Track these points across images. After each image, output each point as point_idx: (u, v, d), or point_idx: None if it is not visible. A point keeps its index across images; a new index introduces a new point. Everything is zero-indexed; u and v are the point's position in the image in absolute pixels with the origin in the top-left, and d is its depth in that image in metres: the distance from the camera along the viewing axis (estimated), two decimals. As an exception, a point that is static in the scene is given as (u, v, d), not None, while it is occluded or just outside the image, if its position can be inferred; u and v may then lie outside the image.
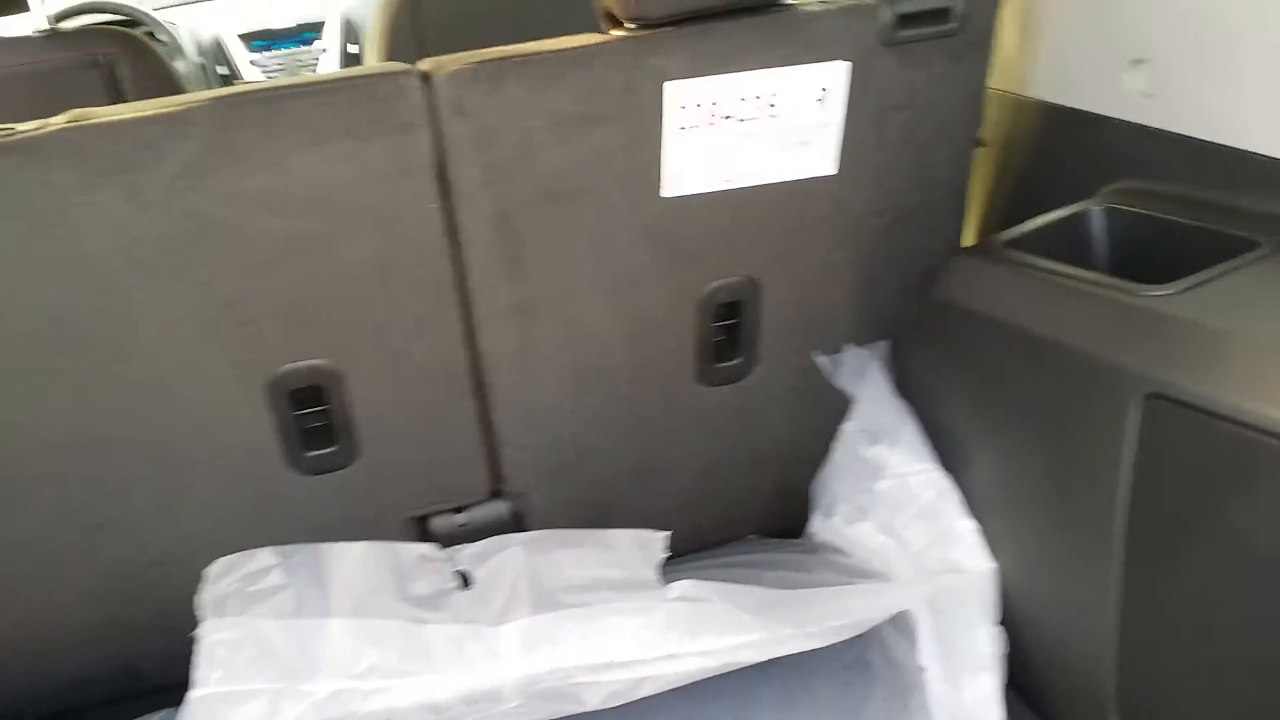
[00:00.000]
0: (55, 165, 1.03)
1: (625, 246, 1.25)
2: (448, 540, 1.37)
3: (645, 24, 1.15)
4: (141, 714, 1.33)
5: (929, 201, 1.36)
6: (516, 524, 1.41)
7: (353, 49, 3.19)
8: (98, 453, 1.18)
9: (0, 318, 1.08)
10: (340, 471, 1.28)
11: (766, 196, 1.25)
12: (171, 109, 1.05)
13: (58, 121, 1.04)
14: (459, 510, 1.38)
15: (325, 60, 3.14)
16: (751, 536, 1.61)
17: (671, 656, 1.17)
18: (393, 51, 2.13)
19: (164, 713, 1.31)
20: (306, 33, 3.14)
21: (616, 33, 1.18)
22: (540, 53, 1.14)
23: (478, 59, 1.12)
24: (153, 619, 1.31)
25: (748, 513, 1.60)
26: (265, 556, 1.23)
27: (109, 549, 1.25)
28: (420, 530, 1.38)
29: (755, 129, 1.20)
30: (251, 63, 3.12)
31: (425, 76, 1.10)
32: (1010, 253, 1.23)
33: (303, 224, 1.12)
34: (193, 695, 1.11)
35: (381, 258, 1.16)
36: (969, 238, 1.47)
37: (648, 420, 1.40)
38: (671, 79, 1.15)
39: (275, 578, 1.20)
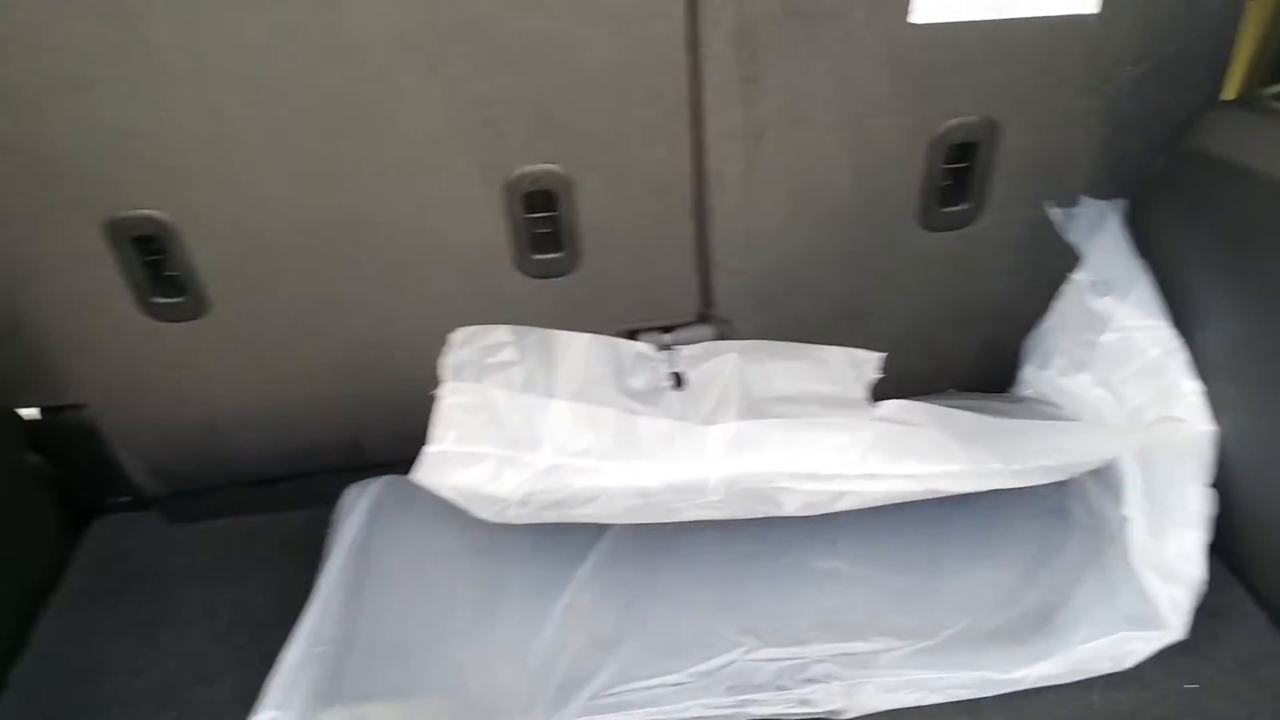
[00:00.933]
0: None
1: (865, 73, 1.23)
2: None
3: None
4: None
5: (1191, 51, 1.28)
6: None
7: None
8: (349, 234, 1.27)
9: (278, 97, 1.16)
10: (561, 278, 1.33)
11: (1017, 32, 1.21)
12: None
13: None
14: (667, 330, 1.43)
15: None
16: (951, 390, 1.61)
17: (872, 475, 1.20)
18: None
19: (383, 479, 1.44)
20: None
21: None
22: None
23: None
24: (379, 396, 1.42)
25: (952, 365, 1.58)
26: (502, 333, 1.31)
27: (348, 326, 1.35)
28: None
29: (1018, -49, 1.15)
30: None
31: None
32: (1276, 105, 1.15)
33: (551, 24, 1.15)
34: (429, 449, 1.22)
35: (621, 65, 1.19)
36: (1229, 94, 1.38)
37: (864, 258, 1.40)
38: None
39: (509, 353, 1.29)
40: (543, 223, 1.29)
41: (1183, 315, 1.27)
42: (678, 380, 1.35)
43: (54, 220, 1.22)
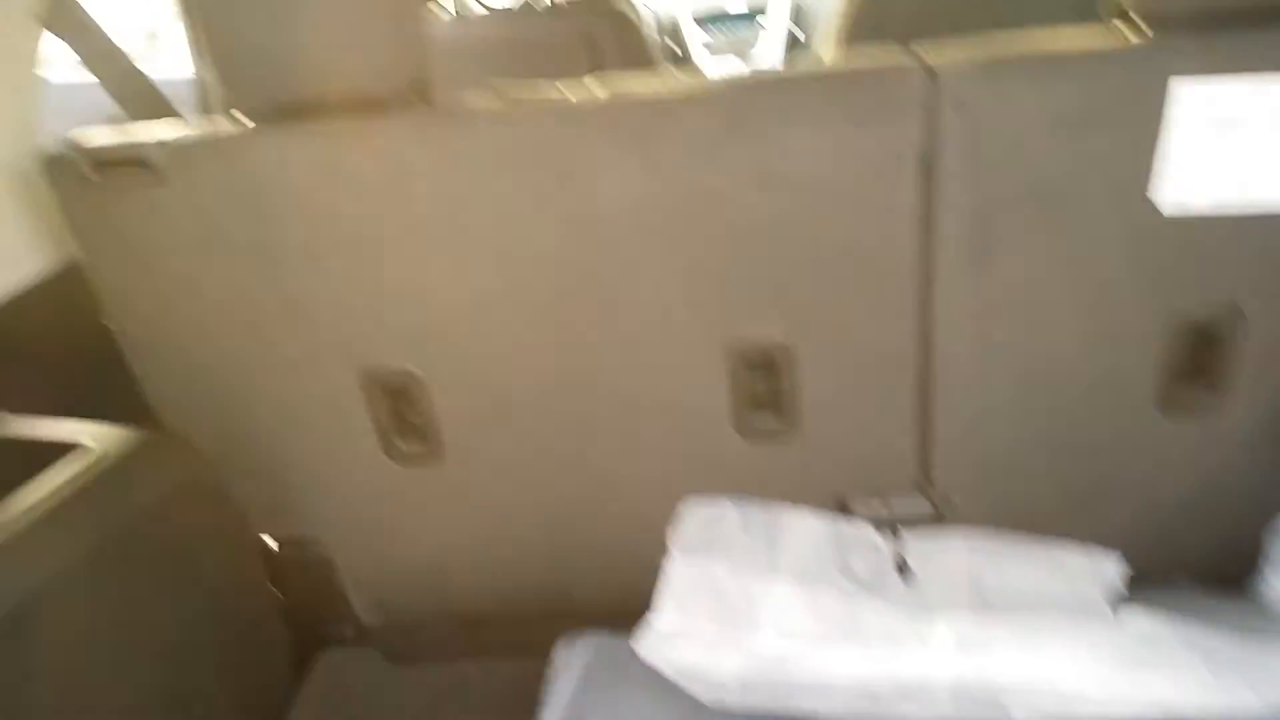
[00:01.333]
0: (592, 131, 1.15)
1: (1103, 257, 1.20)
2: None
3: (1162, 22, 1.10)
4: (566, 631, 1.46)
5: None
6: (936, 523, 1.41)
7: (796, 30, 3.28)
8: (578, 394, 1.31)
9: (524, 264, 1.22)
10: (777, 443, 1.34)
11: (1268, 220, 1.16)
12: (694, 89, 1.15)
13: (599, 92, 1.16)
14: (881, 498, 1.41)
15: (764, 39, 3.26)
16: (1182, 579, 1.52)
17: (1114, 696, 1.13)
18: (852, 41, 2.16)
19: (596, 638, 1.45)
20: (755, 14, 3.28)
21: (1127, 31, 1.13)
22: (1050, 51, 1.12)
23: (983, 53, 1.12)
24: (592, 548, 1.45)
25: (1186, 556, 1.50)
26: (728, 508, 1.32)
27: (570, 479, 1.39)
28: (840, 511, 1.42)
29: (1274, 141, 1.11)
30: (703, 45, 3.30)
31: (929, 69, 1.12)
32: None
33: (789, 202, 1.17)
34: (652, 620, 1.23)
35: (852, 241, 1.20)
36: None
37: (1096, 442, 1.35)
38: (1185, 82, 1.08)
39: (734, 529, 1.29)
40: (763, 388, 1.30)
41: None
42: (902, 567, 1.33)
43: (317, 367, 1.31)
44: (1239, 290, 1.22)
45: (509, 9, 2.43)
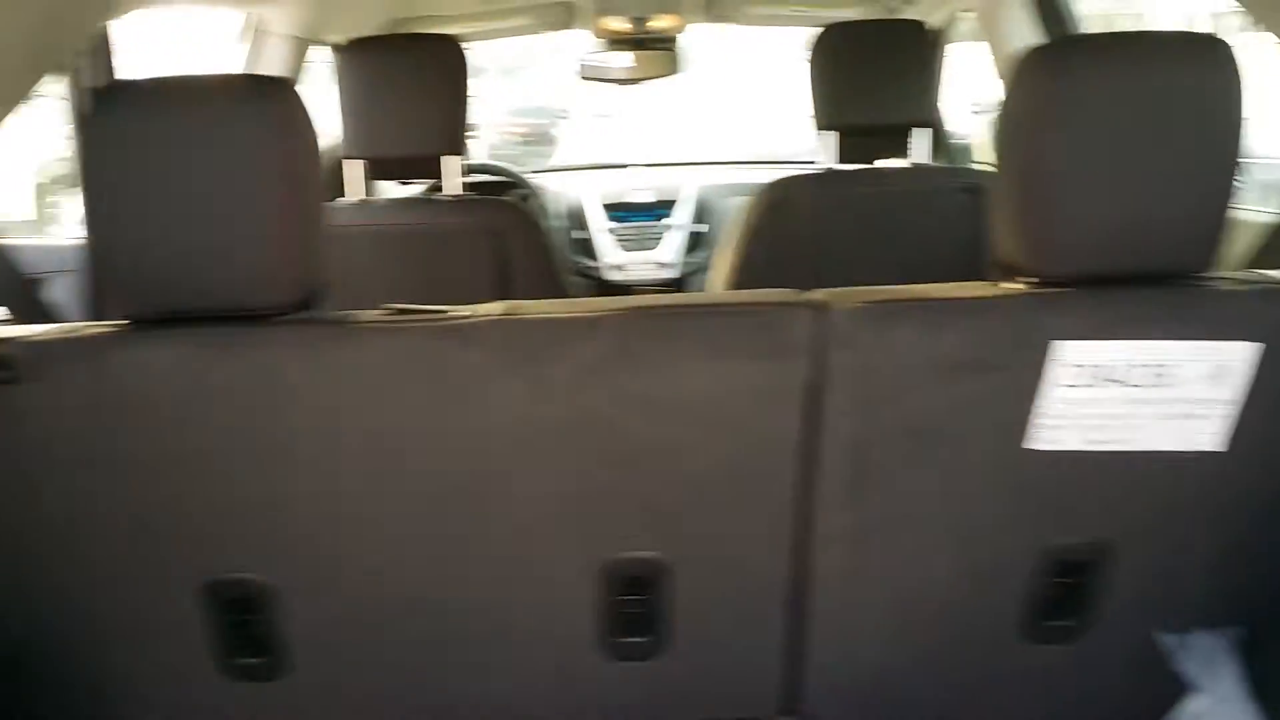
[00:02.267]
0: (480, 350, 1.15)
1: (978, 492, 1.24)
2: None
3: (1046, 281, 1.17)
4: None
5: None
6: None
7: (699, 228, 3.40)
8: (441, 610, 1.28)
9: (401, 477, 1.20)
10: (644, 662, 1.32)
11: (1137, 463, 1.22)
12: (589, 312, 1.17)
13: (493, 311, 1.18)
14: None
15: (669, 236, 3.37)
16: None
17: None
18: (749, 247, 2.25)
19: None
20: (661, 209, 3.40)
21: (1012, 286, 1.20)
22: (935, 298, 1.18)
23: (873, 297, 1.17)
24: None
25: None
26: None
27: (423, 698, 1.34)
28: None
29: (1140, 396, 1.18)
30: (604, 230, 3.40)
31: (820, 307, 1.16)
32: None
33: (674, 429, 1.19)
34: None
35: (734, 466, 1.22)
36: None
37: (964, 667, 1.36)
38: (1062, 338, 1.15)
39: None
40: (635, 605, 1.28)
41: None
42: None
43: (153, 581, 1.24)
44: (1109, 527, 1.27)
45: (415, 197, 2.48)
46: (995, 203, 1.23)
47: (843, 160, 2.22)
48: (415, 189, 2.50)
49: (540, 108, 7.52)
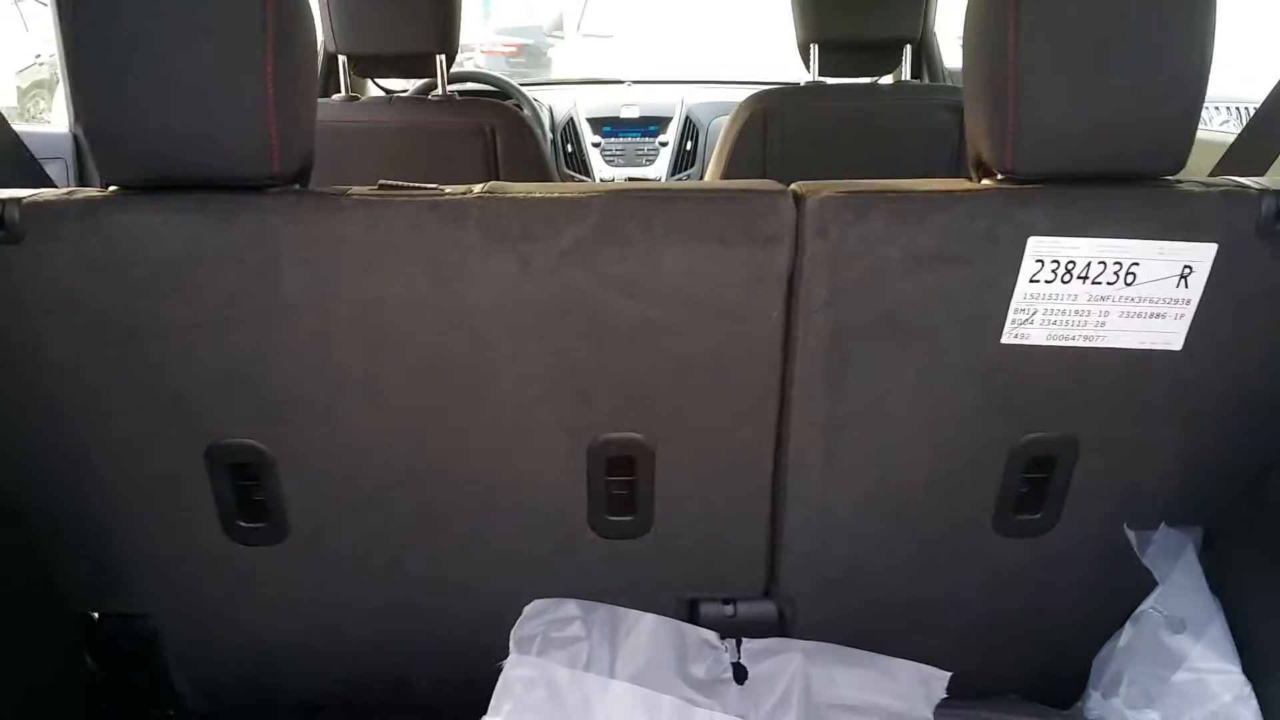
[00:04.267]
0: (468, 227, 1.17)
1: (950, 385, 1.27)
2: (712, 629, 1.42)
3: (1016, 179, 1.19)
4: None
5: (1276, 398, 1.30)
6: (781, 628, 1.44)
7: (687, 146, 3.40)
8: (432, 481, 1.31)
9: (394, 350, 1.23)
10: (631, 540, 1.36)
11: (1104, 360, 1.25)
12: (574, 194, 1.18)
13: (477, 189, 1.19)
14: (728, 602, 1.43)
15: (663, 154, 3.37)
16: (1014, 696, 1.57)
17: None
18: (734, 160, 2.26)
19: None
20: (651, 125, 3.38)
21: (986, 182, 1.22)
22: (909, 191, 1.20)
23: (849, 189, 1.19)
24: (434, 640, 1.43)
25: (1016, 674, 1.55)
26: (571, 608, 1.32)
27: (415, 569, 1.38)
28: (689, 613, 1.44)
29: (1108, 293, 1.21)
30: (594, 144, 3.39)
31: (798, 198, 1.18)
32: None
33: (657, 311, 1.21)
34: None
35: (717, 353, 1.24)
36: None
37: (935, 557, 1.40)
38: (1035, 234, 1.17)
39: (576, 629, 1.30)
40: (619, 486, 1.32)
41: (1255, 660, 1.25)
42: (739, 673, 1.34)
43: (160, 442, 1.28)
44: (1076, 424, 1.30)
45: (406, 95, 2.47)
46: (967, 102, 1.24)
47: (823, 75, 2.22)
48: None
49: (529, 27, 7.42)
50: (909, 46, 2.30)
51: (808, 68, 2.27)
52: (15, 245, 1.16)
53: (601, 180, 3.38)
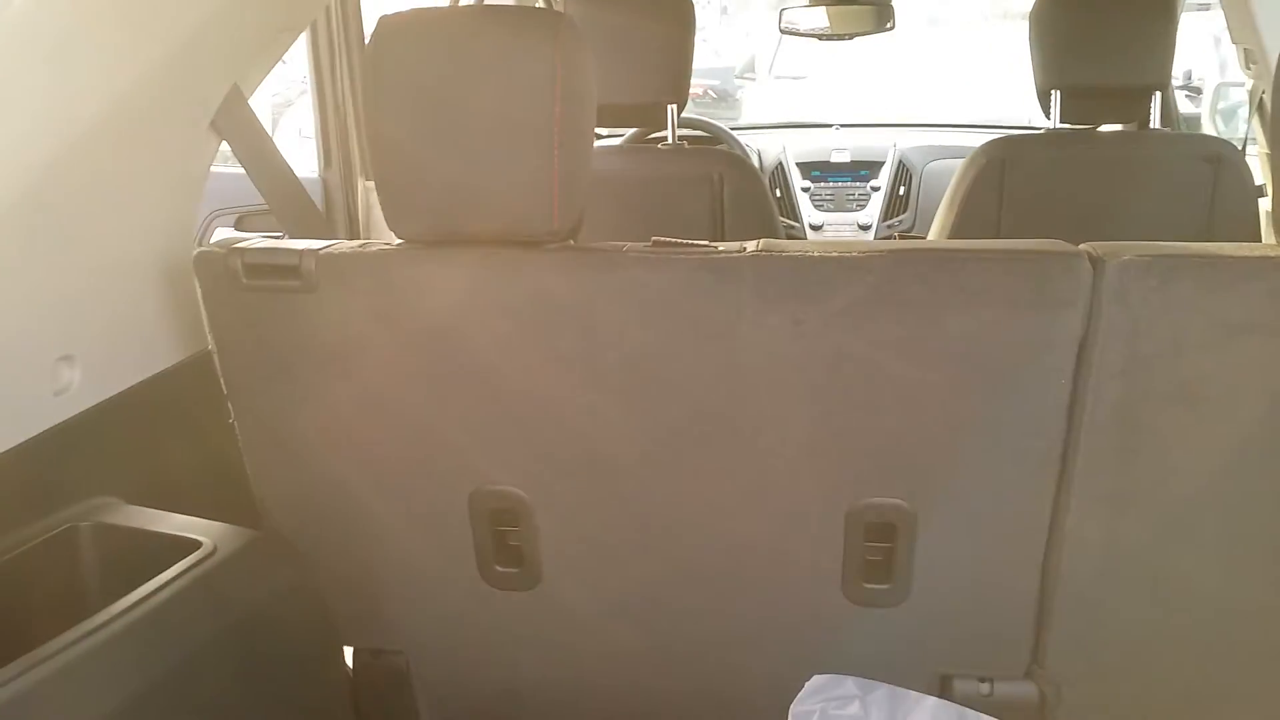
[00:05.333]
0: (743, 286, 1.16)
1: (1255, 465, 1.18)
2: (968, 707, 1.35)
3: None
4: None
5: None
6: (1042, 712, 1.36)
7: (901, 190, 3.33)
8: (686, 538, 1.30)
9: (658, 404, 1.23)
10: (886, 609, 1.31)
11: None
12: (853, 253, 1.15)
13: (751, 247, 1.18)
14: (985, 680, 1.36)
15: (874, 199, 3.31)
16: None
17: None
18: (966, 209, 2.18)
19: None
20: (862, 170, 3.33)
21: None
22: (1219, 256, 1.13)
23: (1152, 252, 1.12)
24: (678, 695, 1.42)
25: None
26: (849, 685, 1.28)
27: (664, 623, 1.37)
28: (942, 689, 1.37)
29: None
30: (803, 189, 3.37)
31: (1094, 259, 1.13)
32: None
33: (934, 374, 1.17)
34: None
35: (994, 419, 1.19)
36: None
37: (1228, 647, 1.29)
38: None
39: (855, 709, 1.25)
40: (877, 552, 1.27)
41: None
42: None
43: (428, 484, 1.32)
44: None
45: (634, 144, 2.51)
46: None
47: (1064, 121, 2.13)
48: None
49: (718, 69, 7.50)
50: (1157, 94, 2.18)
51: (1046, 114, 2.18)
52: (310, 294, 1.22)
53: (810, 225, 3.35)
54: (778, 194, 3.40)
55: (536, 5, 2.70)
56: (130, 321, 1.33)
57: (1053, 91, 2.13)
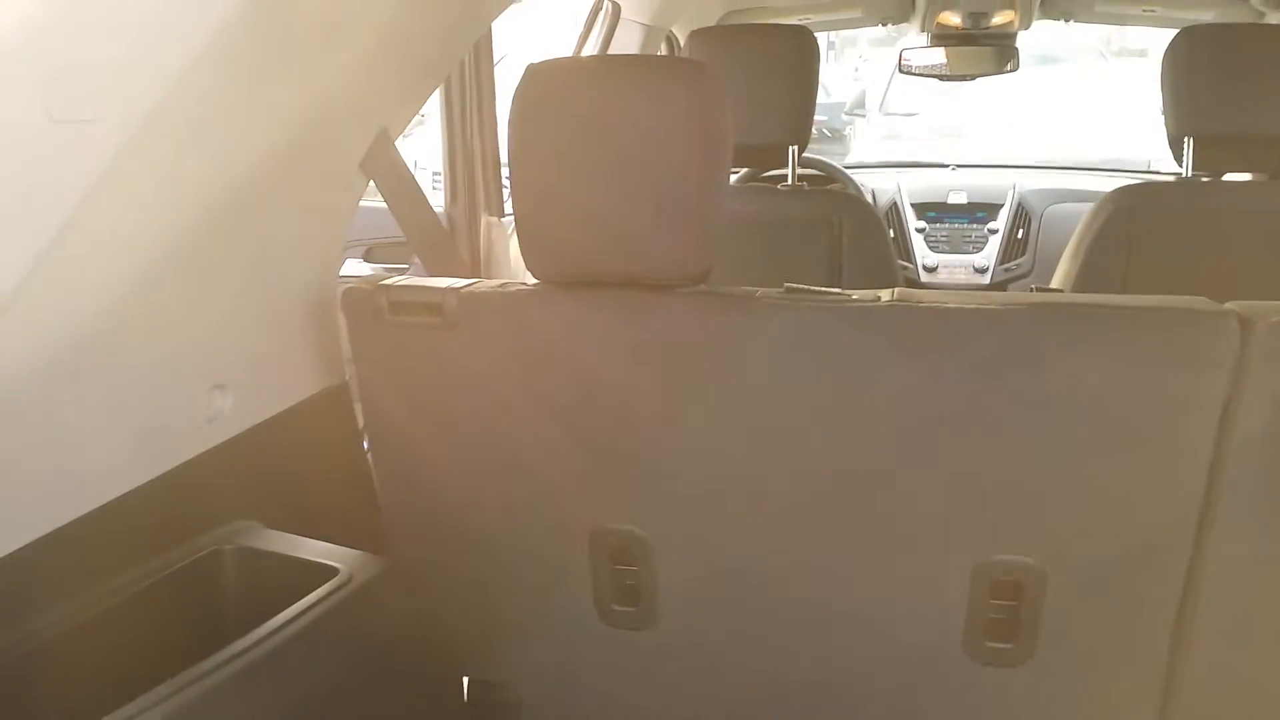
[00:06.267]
0: (876, 335, 1.15)
1: None
2: None
3: None
4: None
5: None
6: None
7: (1019, 233, 3.27)
8: (806, 586, 1.29)
9: (785, 450, 1.22)
10: (1008, 669, 1.27)
11: None
12: (989, 305, 1.14)
13: (885, 297, 1.17)
14: None
15: (992, 241, 3.26)
16: None
17: None
18: (1091, 257, 2.13)
19: None
20: (979, 212, 3.28)
21: None
22: None
23: None
24: None
25: None
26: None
27: (782, 671, 1.35)
28: None
29: None
30: (918, 229, 3.33)
31: (1242, 320, 1.09)
32: None
33: (1069, 431, 1.14)
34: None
35: (1129, 480, 1.16)
36: None
37: None
38: None
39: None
40: (1000, 610, 1.24)
41: None
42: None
43: (550, 521, 1.34)
44: None
45: (754, 185, 2.52)
46: None
47: (1196, 169, 2.07)
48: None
49: (826, 104, 7.47)
50: None
51: (1179, 162, 2.11)
52: (449, 330, 1.26)
53: (924, 266, 3.31)
54: (891, 234, 3.37)
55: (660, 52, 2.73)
56: (277, 352, 1.39)
57: (1185, 139, 2.07)
